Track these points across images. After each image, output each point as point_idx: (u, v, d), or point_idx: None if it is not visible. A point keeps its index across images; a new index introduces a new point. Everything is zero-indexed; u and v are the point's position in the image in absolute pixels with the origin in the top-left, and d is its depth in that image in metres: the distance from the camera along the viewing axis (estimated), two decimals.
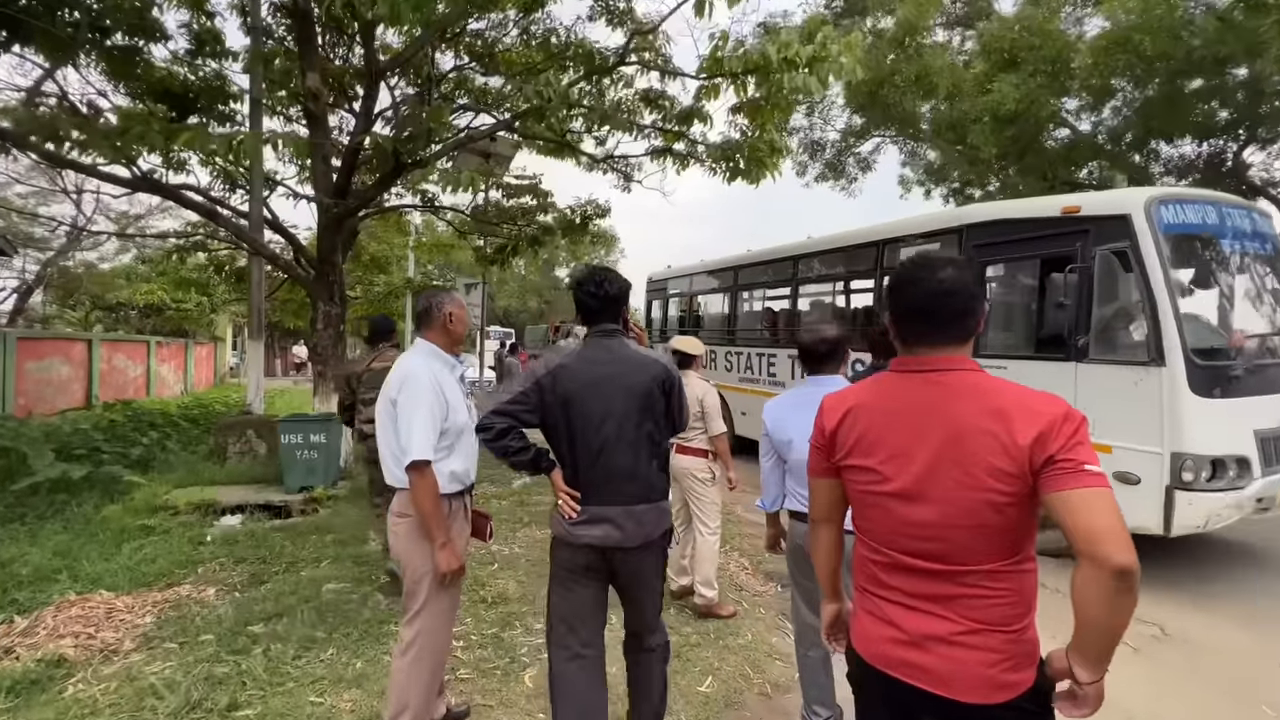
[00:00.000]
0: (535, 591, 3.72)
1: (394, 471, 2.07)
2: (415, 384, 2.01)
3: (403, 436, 1.98)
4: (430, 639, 2.05)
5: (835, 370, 2.33)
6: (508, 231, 9.75)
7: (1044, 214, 4.59)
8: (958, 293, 1.23)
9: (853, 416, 1.32)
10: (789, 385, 7.14)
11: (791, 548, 2.37)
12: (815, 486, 1.45)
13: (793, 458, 2.31)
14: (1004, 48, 8.33)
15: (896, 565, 1.25)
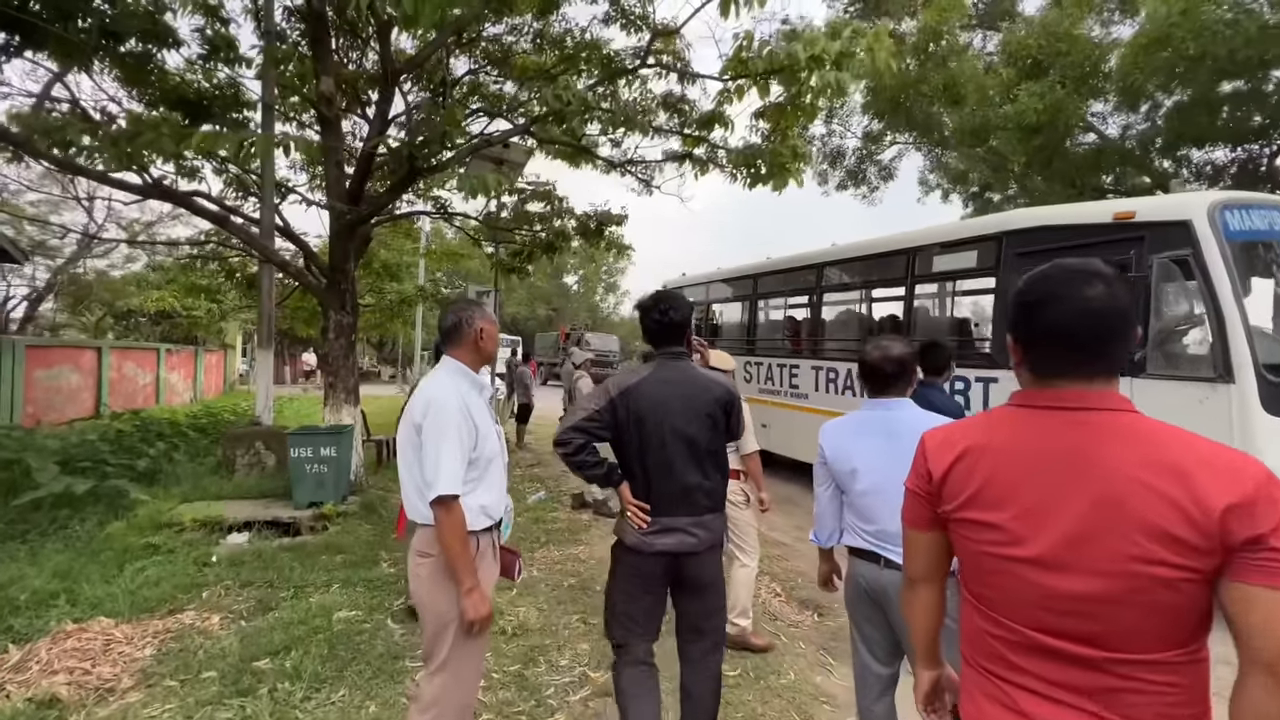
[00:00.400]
0: (558, 621, 3.50)
1: (416, 505, 1.86)
2: (442, 409, 1.80)
3: (428, 468, 1.78)
4: (455, 696, 1.83)
5: (903, 392, 2.10)
6: (522, 238, 9.58)
7: (1094, 220, 4.35)
8: (1109, 314, 0.99)
9: (970, 460, 1.09)
10: (811, 398, 6.91)
11: (853, 590, 2.13)
12: (914, 540, 1.23)
13: (855, 489, 2.08)
14: (1029, 54, 8.09)
15: (1031, 645, 1.01)
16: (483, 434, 1.89)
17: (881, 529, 2.01)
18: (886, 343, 2.11)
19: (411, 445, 1.86)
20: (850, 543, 2.14)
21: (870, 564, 2.04)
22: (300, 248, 7.40)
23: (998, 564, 1.05)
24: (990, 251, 5.03)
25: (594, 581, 4.13)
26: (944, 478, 1.13)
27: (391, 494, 6.54)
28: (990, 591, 1.08)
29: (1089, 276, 1.03)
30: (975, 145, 10.13)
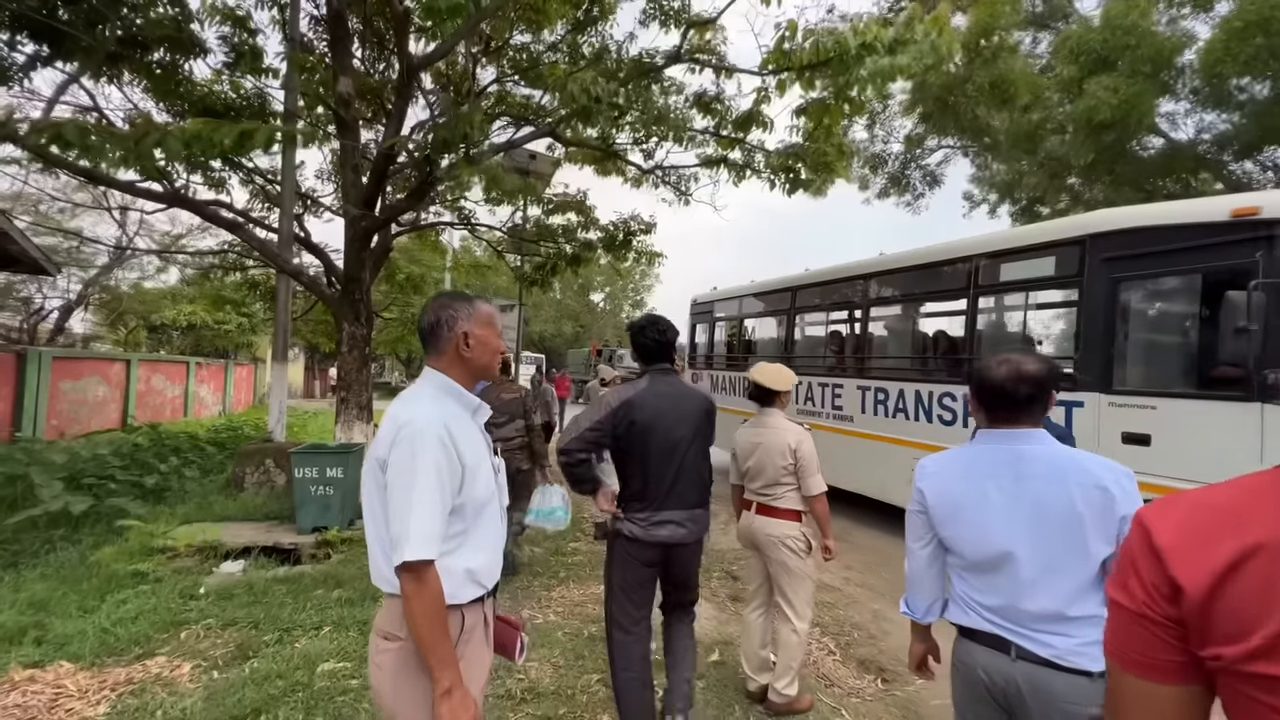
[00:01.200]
0: (575, 683, 2.99)
1: (381, 569, 1.38)
2: (416, 439, 1.32)
3: (395, 521, 1.30)
4: None
5: (1037, 422, 1.55)
6: (546, 251, 9.27)
7: (1205, 219, 3.72)
8: None
9: (1265, 570, 0.59)
10: (856, 420, 6.30)
11: (966, 685, 1.58)
12: (1137, 696, 0.70)
13: (972, 552, 1.55)
14: (1095, 49, 7.45)
15: None
16: (470, 471, 1.39)
17: (1011, 606, 1.48)
18: (1016, 357, 1.56)
19: (377, 487, 1.37)
20: (959, 620, 1.59)
21: (994, 652, 1.50)
22: (320, 258, 7.18)
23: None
24: (1071, 257, 4.42)
25: None
26: (1211, 594, 0.62)
27: None
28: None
29: None
30: (1028, 150, 9.46)
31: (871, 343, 6.53)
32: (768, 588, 2.85)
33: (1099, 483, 1.42)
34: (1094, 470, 1.44)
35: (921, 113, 9.59)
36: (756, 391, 2.83)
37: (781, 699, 2.76)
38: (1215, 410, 3.53)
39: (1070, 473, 1.46)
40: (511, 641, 1.57)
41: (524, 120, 7.99)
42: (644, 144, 7.42)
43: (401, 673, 1.34)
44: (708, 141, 6.83)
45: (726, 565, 4.99)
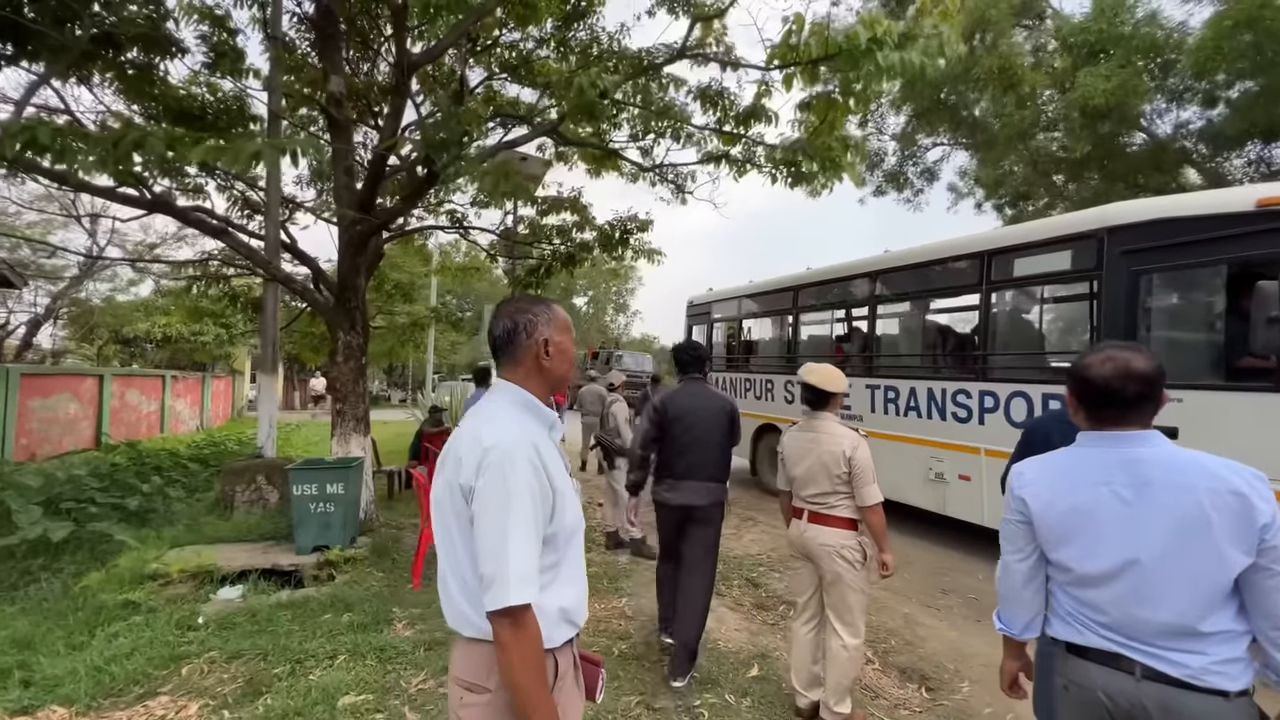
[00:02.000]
0: (614, 706, 2.82)
1: (461, 608, 1.21)
2: (508, 465, 1.16)
3: (488, 559, 1.13)
4: None
5: (1147, 423, 1.44)
6: (539, 252, 9.08)
7: (1228, 209, 3.70)
8: None
9: None
10: (866, 419, 6.23)
11: (1077, 704, 1.45)
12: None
13: (1084, 565, 1.43)
14: (1089, 40, 7.53)
15: None
16: (561, 495, 1.24)
17: (1135, 621, 1.36)
18: (1123, 354, 1.45)
19: (456, 516, 1.21)
20: (1070, 638, 1.47)
21: (1115, 672, 1.37)
22: (308, 266, 6.90)
23: None
24: (1089, 251, 4.39)
25: (650, 648, 3.44)
26: None
27: (405, 532, 5.90)
28: None
29: None
30: (1019, 146, 9.55)
31: (880, 341, 6.47)
32: (819, 600, 2.72)
33: (1233, 488, 1.31)
34: (1223, 474, 1.33)
35: (912, 110, 9.61)
36: (809, 394, 2.69)
37: (835, 716, 2.63)
38: (1244, 401, 3.51)
39: (1197, 477, 1.34)
40: (593, 681, 1.41)
41: (513, 120, 7.82)
42: (641, 140, 7.29)
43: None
44: (708, 139, 6.72)
45: (746, 572, 4.86)
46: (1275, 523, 1.29)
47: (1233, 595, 1.34)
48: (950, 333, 5.87)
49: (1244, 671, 1.31)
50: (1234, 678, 1.31)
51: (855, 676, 2.68)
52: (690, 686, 2.98)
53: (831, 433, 2.61)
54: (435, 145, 4.64)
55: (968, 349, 5.60)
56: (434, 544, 1.32)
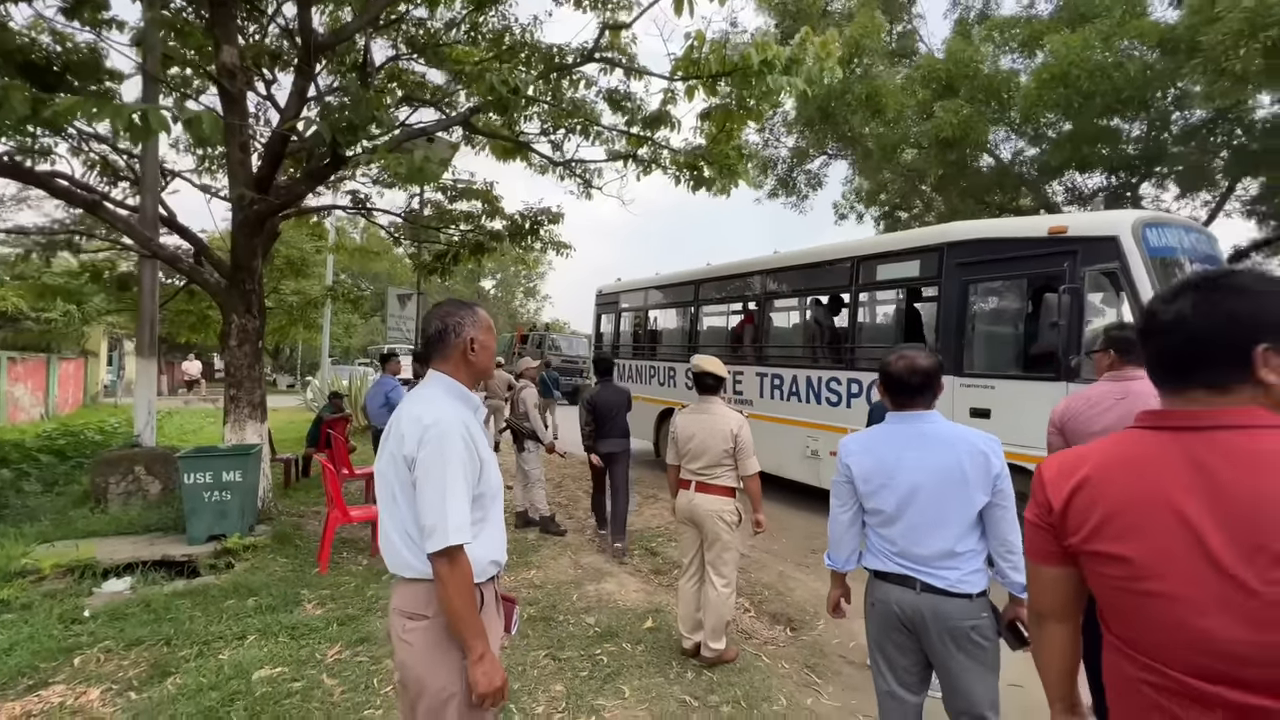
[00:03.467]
0: (524, 660, 3.15)
1: (403, 556, 1.50)
2: (444, 438, 1.46)
3: (429, 512, 1.43)
4: None
5: (929, 404, 1.98)
6: (447, 238, 9.00)
7: (1029, 234, 4.60)
8: (1242, 323, 0.91)
9: (1091, 490, 0.98)
10: (756, 404, 6.91)
11: (881, 617, 1.95)
12: (1039, 576, 1.12)
13: (885, 509, 1.94)
14: (941, 77, 8.69)
15: (1195, 696, 0.88)
16: (487, 464, 1.57)
17: (915, 551, 1.88)
18: (911, 353, 1.99)
19: (399, 482, 1.49)
20: (876, 566, 1.98)
21: (904, 589, 1.89)
22: (191, 242, 6.47)
23: (1135, 601, 0.93)
24: (933, 261, 5.22)
25: (556, 610, 3.80)
26: (1065, 509, 1.02)
27: (307, 519, 5.82)
28: (1131, 631, 0.95)
29: (1213, 284, 0.96)
30: (891, 161, 10.74)
31: (768, 332, 7.16)
32: (701, 558, 3.20)
33: (980, 449, 1.87)
34: (974, 440, 1.88)
35: (805, 121, 10.52)
36: (703, 381, 3.13)
37: (712, 652, 3.13)
38: (1035, 388, 4.42)
39: (958, 442, 1.89)
40: (509, 614, 1.74)
41: (419, 101, 7.69)
42: (552, 135, 7.47)
43: (432, 645, 1.47)
44: (614, 139, 7.03)
45: (645, 543, 5.33)
46: (1004, 473, 1.87)
47: (976, 525, 1.90)
48: (825, 327, 6.65)
49: (983, 579, 1.88)
50: (976, 584, 1.86)
51: (728, 618, 3.19)
52: (624, 547, 5.00)
53: (720, 414, 3.08)
54: (342, 129, 4.61)
55: (839, 342, 6.39)
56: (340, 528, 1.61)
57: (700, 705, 2.81)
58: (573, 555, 4.98)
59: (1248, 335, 0.90)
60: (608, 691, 2.89)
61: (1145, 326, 1.03)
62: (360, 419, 11.43)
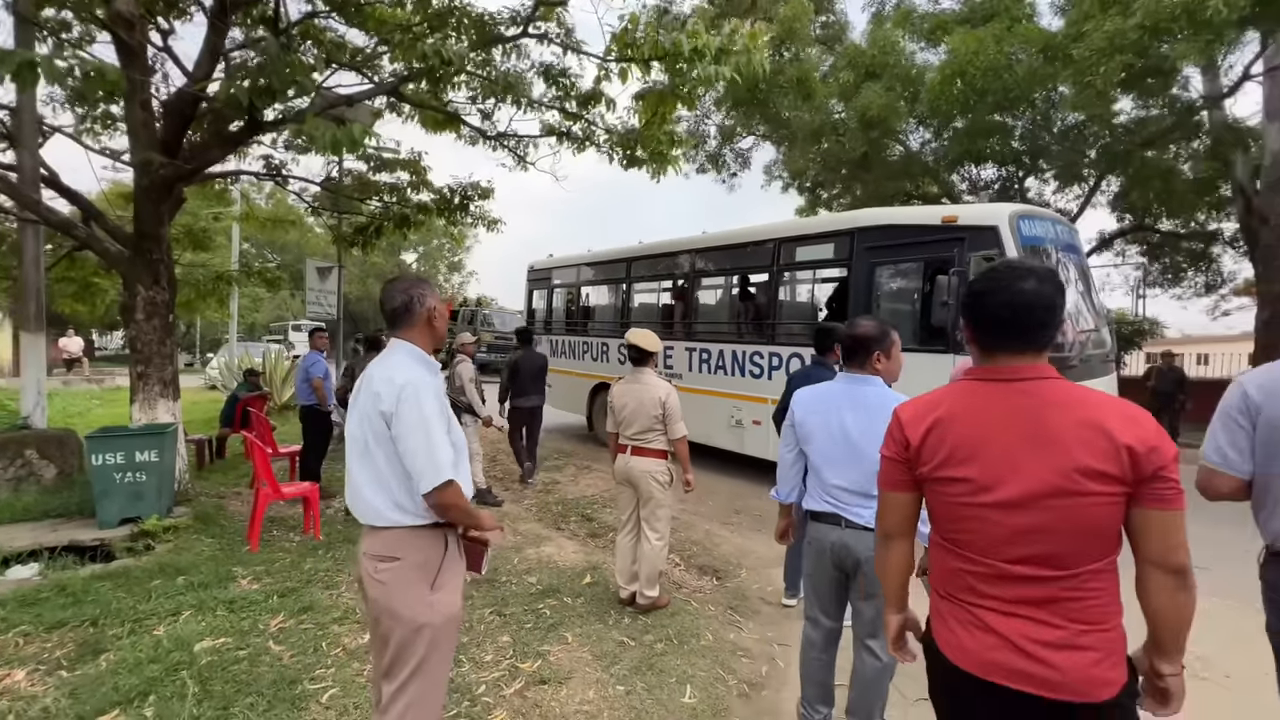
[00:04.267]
0: (470, 617, 3.33)
1: (374, 506, 1.67)
2: (422, 392, 1.64)
3: (419, 458, 1.62)
4: (429, 703, 1.69)
5: (863, 368, 2.24)
6: (370, 210, 8.68)
7: (926, 221, 5.13)
8: (1042, 304, 1.24)
9: (942, 428, 1.29)
10: (685, 377, 7.27)
11: (815, 552, 2.27)
12: (890, 501, 1.41)
13: (822, 454, 2.22)
14: (866, 62, 9.26)
15: (999, 574, 1.23)
16: (453, 421, 1.76)
17: (841, 492, 2.16)
18: (862, 322, 2.29)
19: (377, 438, 1.66)
20: (811, 506, 2.27)
21: (833, 526, 2.18)
22: (79, 206, 5.92)
23: (970, 511, 1.25)
24: (845, 244, 5.69)
25: (498, 573, 3.99)
26: (920, 444, 1.31)
27: (230, 500, 5.63)
28: (963, 535, 1.28)
29: (1026, 273, 1.28)
30: (814, 143, 11.31)
31: (696, 309, 7.51)
32: (636, 516, 3.48)
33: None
34: (888, 399, 2.20)
35: (734, 101, 10.84)
36: (634, 353, 3.37)
37: (646, 599, 3.44)
38: (928, 359, 4.99)
39: (880, 402, 2.19)
40: (480, 557, 1.92)
41: (339, 64, 7.32)
42: (482, 105, 7.35)
43: (404, 581, 1.66)
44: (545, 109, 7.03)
45: (582, 510, 5.58)
46: None
47: None
48: (749, 304, 7.06)
49: None
50: None
51: (661, 569, 3.50)
52: (535, 481, 6.54)
53: (651, 383, 3.34)
54: (259, 93, 4.41)
55: (761, 318, 6.83)
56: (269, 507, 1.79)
57: (636, 644, 3.11)
58: (511, 524, 5.15)
59: (1045, 314, 1.24)
60: (552, 639, 3.13)
61: (970, 305, 1.33)
62: (280, 397, 10.90)
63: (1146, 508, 1.14)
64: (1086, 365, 4.90)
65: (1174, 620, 1.18)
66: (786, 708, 2.61)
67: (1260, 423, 1.53)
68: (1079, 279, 5.47)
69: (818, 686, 2.33)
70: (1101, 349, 5.30)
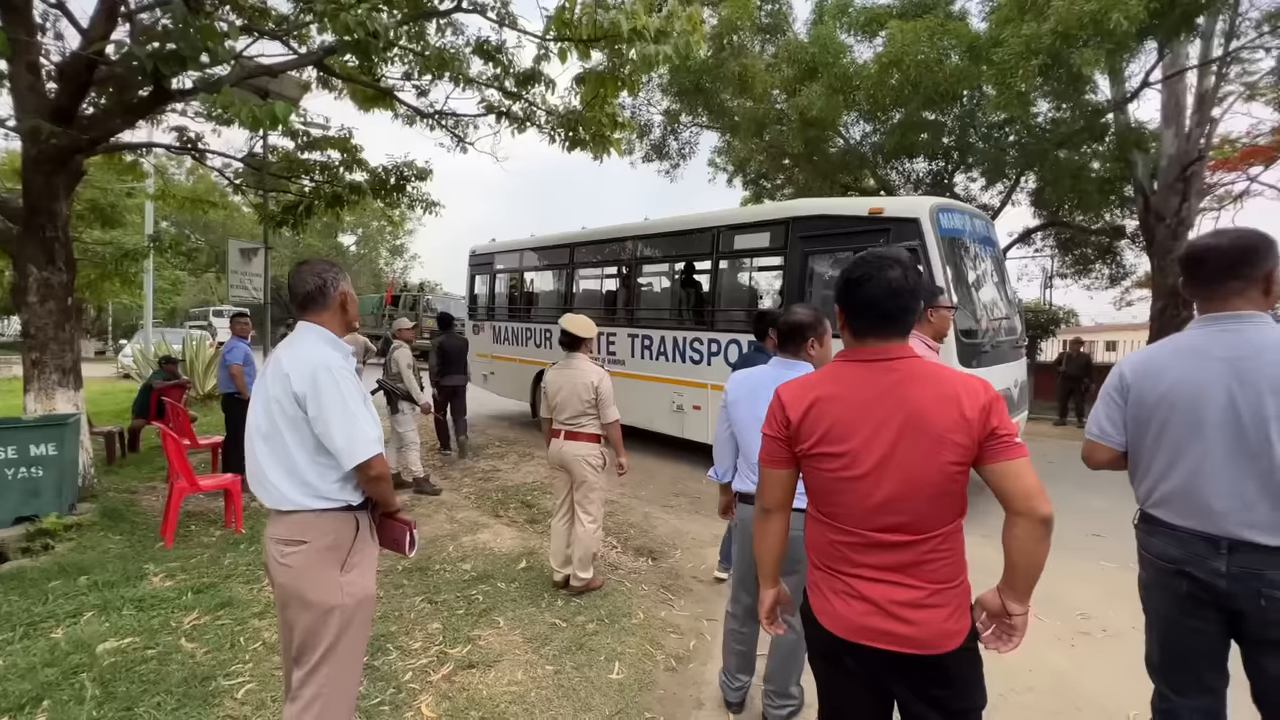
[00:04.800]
0: (400, 605, 3.29)
1: (281, 490, 1.65)
2: (336, 372, 1.63)
3: (340, 435, 1.62)
4: (341, 687, 1.68)
5: (798, 354, 2.31)
6: (299, 189, 8.26)
7: (856, 212, 5.33)
8: (907, 289, 1.33)
9: (820, 407, 1.36)
10: (628, 364, 7.32)
11: (741, 529, 2.36)
12: (770, 477, 1.46)
13: (739, 432, 2.32)
14: (806, 59, 9.45)
15: (868, 543, 1.32)
16: (368, 401, 1.73)
17: None
18: (796, 309, 2.36)
19: (286, 419, 1.63)
20: (740, 487, 2.36)
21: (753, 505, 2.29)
22: None
23: (844, 485, 1.34)
24: (781, 233, 5.85)
25: (432, 561, 3.94)
26: (799, 423, 1.38)
27: (143, 495, 5.31)
28: (836, 508, 1.36)
29: (891, 262, 1.37)
30: (757, 135, 11.49)
31: (638, 295, 7.55)
32: (570, 499, 3.50)
33: None
34: None
35: (677, 91, 10.86)
36: (566, 338, 3.37)
37: (580, 581, 3.48)
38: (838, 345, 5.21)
39: None
40: (402, 536, 1.88)
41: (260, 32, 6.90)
42: (418, 82, 7.10)
43: (313, 564, 1.65)
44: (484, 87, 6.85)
45: (522, 497, 5.56)
46: None
47: None
48: (690, 291, 7.16)
49: None
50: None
51: (594, 551, 3.55)
52: (469, 456, 7.02)
53: (583, 368, 3.35)
54: (164, 59, 4.11)
55: (702, 305, 6.94)
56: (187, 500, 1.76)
57: (568, 625, 3.15)
58: (449, 512, 5.09)
59: (910, 299, 1.33)
60: (483, 624, 3.13)
61: (846, 293, 1.39)
62: (203, 386, 10.30)
63: (994, 463, 1.26)
64: (997, 350, 5.24)
65: (1032, 566, 1.30)
66: (711, 678, 2.71)
67: (1131, 400, 1.67)
68: (994, 269, 5.83)
69: (738, 657, 2.44)
70: (1012, 335, 5.68)
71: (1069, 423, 10.39)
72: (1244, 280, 1.54)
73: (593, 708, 2.48)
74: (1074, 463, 1.91)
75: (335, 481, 1.65)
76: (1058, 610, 3.44)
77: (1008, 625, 1.35)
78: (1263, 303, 1.55)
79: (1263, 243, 1.55)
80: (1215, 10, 7.98)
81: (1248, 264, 1.53)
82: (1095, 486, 5.53)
